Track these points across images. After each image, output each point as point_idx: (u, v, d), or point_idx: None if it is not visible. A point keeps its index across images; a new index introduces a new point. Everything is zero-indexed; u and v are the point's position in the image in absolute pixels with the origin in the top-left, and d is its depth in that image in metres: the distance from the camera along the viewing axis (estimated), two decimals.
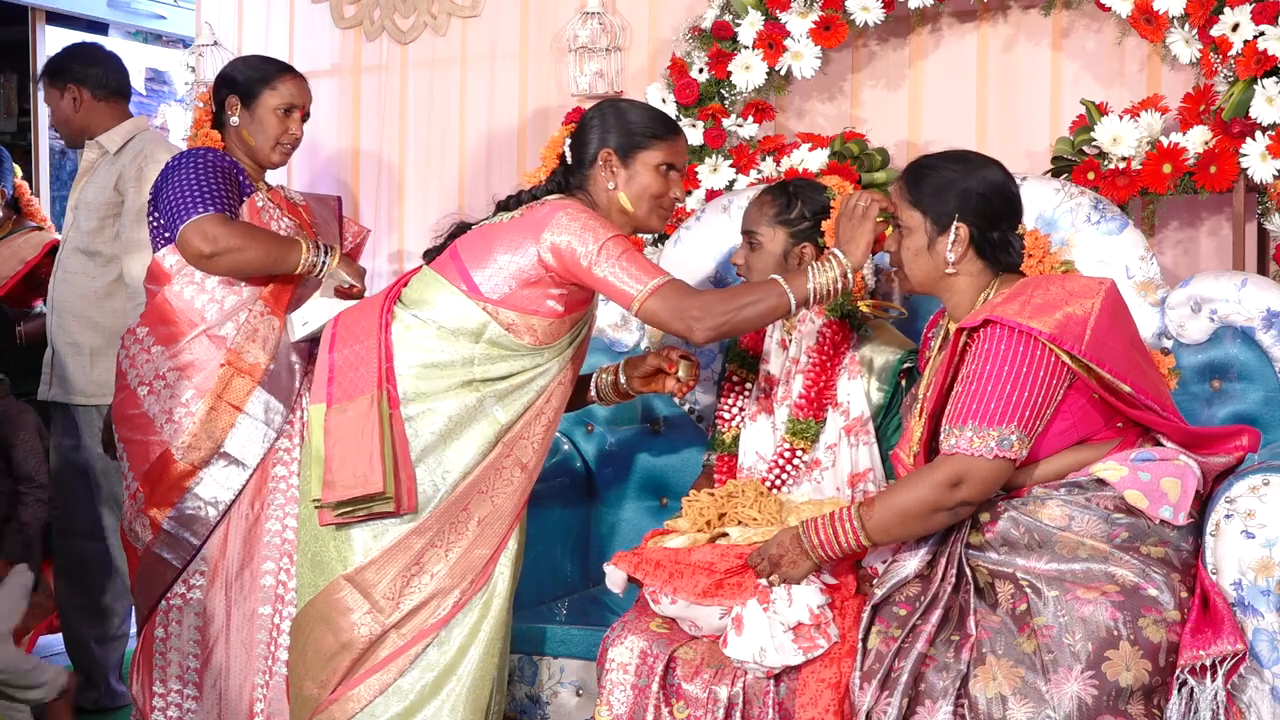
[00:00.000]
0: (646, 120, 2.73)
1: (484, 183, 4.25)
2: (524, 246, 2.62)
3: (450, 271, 2.69)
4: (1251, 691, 2.20)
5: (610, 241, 2.57)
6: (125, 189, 3.57)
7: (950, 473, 2.29)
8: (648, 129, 2.71)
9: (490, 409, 2.66)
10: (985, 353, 2.30)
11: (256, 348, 3.05)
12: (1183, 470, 2.31)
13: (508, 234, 2.65)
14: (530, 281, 2.63)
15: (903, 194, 2.47)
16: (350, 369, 2.65)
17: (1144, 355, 2.40)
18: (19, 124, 6.50)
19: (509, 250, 2.63)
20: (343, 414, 2.61)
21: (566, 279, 2.62)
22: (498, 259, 2.64)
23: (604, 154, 2.70)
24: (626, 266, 2.56)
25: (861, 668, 2.31)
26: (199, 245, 2.93)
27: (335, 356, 2.68)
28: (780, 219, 2.81)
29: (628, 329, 3.36)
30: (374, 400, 2.59)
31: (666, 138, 2.72)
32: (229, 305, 3.04)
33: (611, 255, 2.56)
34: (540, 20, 4.14)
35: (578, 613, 3.04)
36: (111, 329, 3.64)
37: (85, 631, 3.80)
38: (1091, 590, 2.23)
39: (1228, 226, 3.24)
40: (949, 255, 2.41)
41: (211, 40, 4.53)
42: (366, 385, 2.61)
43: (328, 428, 2.61)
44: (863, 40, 3.66)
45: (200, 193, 2.96)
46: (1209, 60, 3.07)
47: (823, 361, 2.75)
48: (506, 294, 2.64)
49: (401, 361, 2.65)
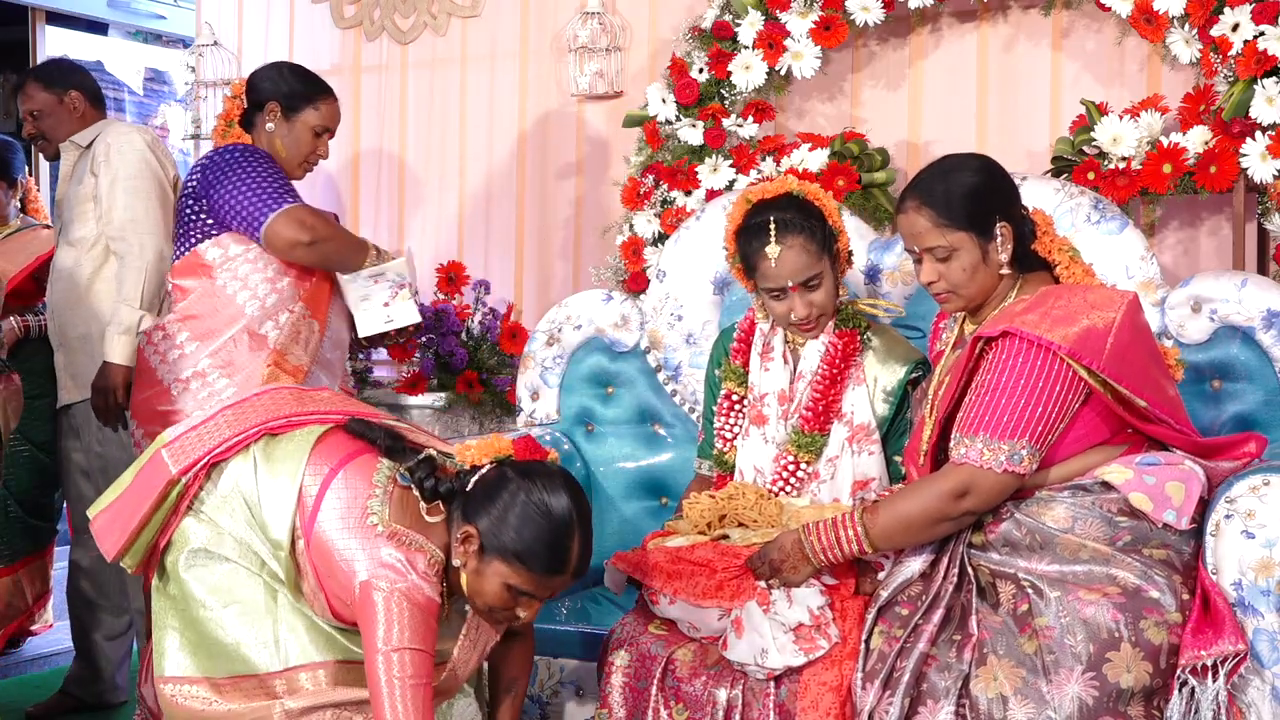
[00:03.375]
0: (533, 546, 2.24)
1: (484, 182, 4.26)
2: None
3: (320, 472, 2.37)
4: (1252, 691, 2.20)
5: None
6: (98, 169, 3.61)
7: (957, 483, 2.29)
8: (523, 551, 2.23)
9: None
10: (1002, 364, 2.29)
11: (299, 349, 3.12)
12: (1187, 475, 2.31)
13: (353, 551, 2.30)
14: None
15: (933, 221, 2.39)
16: (205, 434, 2.45)
17: (1162, 369, 2.38)
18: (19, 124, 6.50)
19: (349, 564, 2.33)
20: (158, 463, 2.42)
21: None
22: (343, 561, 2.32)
23: (465, 531, 2.27)
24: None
25: (864, 668, 2.31)
26: (296, 234, 3.01)
27: (219, 415, 2.48)
28: (823, 247, 2.67)
29: (627, 329, 3.36)
30: (172, 481, 2.36)
31: (539, 572, 2.24)
32: (270, 304, 3.10)
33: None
34: (540, 20, 4.14)
35: (578, 613, 3.03)
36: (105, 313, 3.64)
37: (94, 627, 3.81)
38: (1093, 592, 2.23)
39: (1228, 226, 3.24)
40: (1002, 257, 2.39)
41: (211, 40, 4.53)
42: (187, 457, 2.38)
43: (151, 460, 2.42)
44: (863, 40, 3.66)
45: (280, 186, 3.06)
46: (1209, 60, 3.07)
47: (832, 375, 2.70)
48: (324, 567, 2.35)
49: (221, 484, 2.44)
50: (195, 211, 3.17)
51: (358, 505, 2.26)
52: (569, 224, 4.13)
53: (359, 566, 2.21)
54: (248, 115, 3.31)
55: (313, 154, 3.29)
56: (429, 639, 2.19)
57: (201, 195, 3.16)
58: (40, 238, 4.27)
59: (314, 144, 3.28)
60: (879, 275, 3.14)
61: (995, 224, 2.38)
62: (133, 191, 3.52)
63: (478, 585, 2.26)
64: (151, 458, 2.41)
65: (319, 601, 2.30)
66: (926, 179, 2.44)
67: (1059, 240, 2.48)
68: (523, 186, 4.20)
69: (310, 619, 2.30)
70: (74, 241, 3.63)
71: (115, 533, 2.38)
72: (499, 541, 2.22)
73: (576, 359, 3.41)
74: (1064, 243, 2.48)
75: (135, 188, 3.53)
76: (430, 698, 2.17)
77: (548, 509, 2.23)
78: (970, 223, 2.38)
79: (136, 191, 3.53)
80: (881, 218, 3.43)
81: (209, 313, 3.10)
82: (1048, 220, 2.50)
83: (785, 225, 2.63)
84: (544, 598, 2.29)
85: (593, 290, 3.48)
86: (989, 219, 2.38)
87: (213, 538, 2.33)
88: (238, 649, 2.29)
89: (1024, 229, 2.43)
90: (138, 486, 2.40)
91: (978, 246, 2.39)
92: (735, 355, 2.85)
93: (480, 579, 2.25)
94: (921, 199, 2.41)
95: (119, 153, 3.55)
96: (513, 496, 2.24)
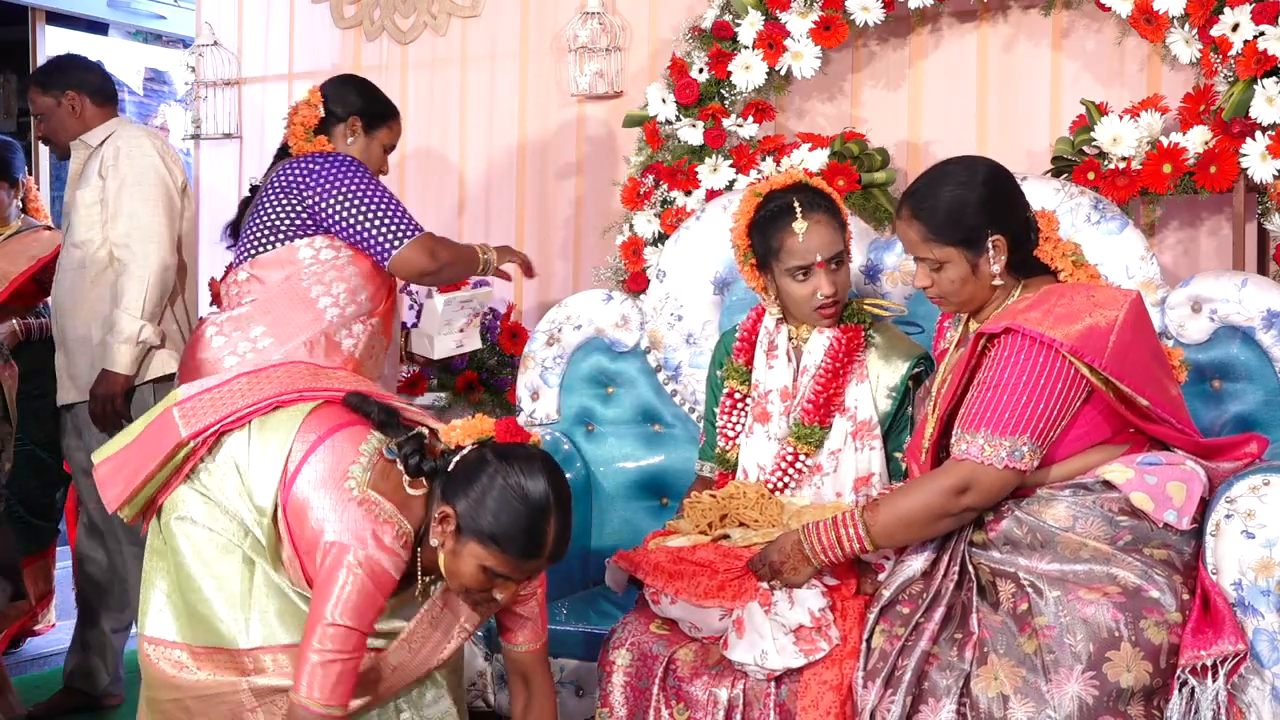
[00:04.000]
0: (509, 526, 2.23)
1: (484, 182, 4.26)
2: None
3: (305, 441, 2.39)
4: (1252, 691, 2.20)
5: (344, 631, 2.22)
6: (105, 172, 3.60)
7: (957, 479, 2.29)
8: (499, 533, 2.22)
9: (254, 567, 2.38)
10: (1004, 360, 2.29)
11: (372, 363, 3.17)
12: (1189, 475, 2.31)
13: (330, 514, 2.34)
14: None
15: (922, 235, 2.40)
16: (220, 400, 2.46)
17: (1164, 369, 2.38)
18: (19, 124, 6.51)
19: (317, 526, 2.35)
20: (167, 419, 2.43)
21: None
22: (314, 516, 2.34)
23: (443, 511, 2.26)
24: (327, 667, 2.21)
25: (865, 667, 2.31)
26: (426, 263, 3.09)
27: (234, 381, 2.50)
28: (843, 226, 2.73)
29: (627, 329, 3.36)
30: (181, 443, 2.38)
31: (514, 555, 2.24)
32: (349, 313, 3.13)
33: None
34: (540, 20, 4.14)
35: (578, 613, 3.03)
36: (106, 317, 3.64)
37: (104, 621, 3.81)
38: (1093, 591, 2.23)
39: (1228, 226, 3.24)
40: (993, 269, 2.39)
41: (211, 40, 4.54)
42: (199, 422, 2.40)
43: (159, 417, 2.43)
44: (863, 40, 3.66)
45: (405, 213, 3.13)
46: (1209, 60, 3.07)
47: (835, 368, 2.72)
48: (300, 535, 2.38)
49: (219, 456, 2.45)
50: (293, 209, 3.12)
51: (339, 469, 2.28)
52: (569, 224, 4.13)
53: (328, 527, 2.23)
54: (323, 125, 3.29)
55: (380, 169, 3.38)
56: (370, 617, 2.22)
57: (309, 197, 3.11)
58: (42, 239, 4.27)
59: (381, 160, 3.37)
60: (879, 275, 3.14)
61: (986, 238, 2.37)
62: (140, 199, 3.53)
63: (454, 566, 2.26)
64: (162, 414, 2.42)
65: (295, 569, 2.32)
66: (920, 189, 2.44)
67: (1063, 245, 2.46)
68: (523, 186, 4.20)
69: (284, 597, 2.32)
70: (79, 243, 3.63)
71: (119, 484, 2.40)
72: (475, 524, 2.23)
73: (576, 359, 3.41)
74: (1068, 247, 2.46)
75: (142, 195, 3.54)
76: (350, 673, 2.20)
77: (524, 493, 2.24)
78: (958, 238, 2.38)
79: (144, 199, 3.53)
80: (881, 218, 3.43)
81: (287, 309, 3.09)
82: (1053, 224, 2.48)
83: (810, 204, 2.69)
84: (520, 581, 2.29)
85: (593, 290, 3.48)
86: (978, 233, 2.37)
87: (202, 507, 2.36)
88: (213, 621, 2.32)
89: (1024, 235, 2.43)
90: (145, 441, 2.41)
91: (966, 261, 2.39)
92: (738, 354, 2.86)
93: (456, 560, 2.25)
94: (913, 211, 2.41)
95: (128, 158, 3.56)
96: (490, 479, 2.25)
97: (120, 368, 3.47)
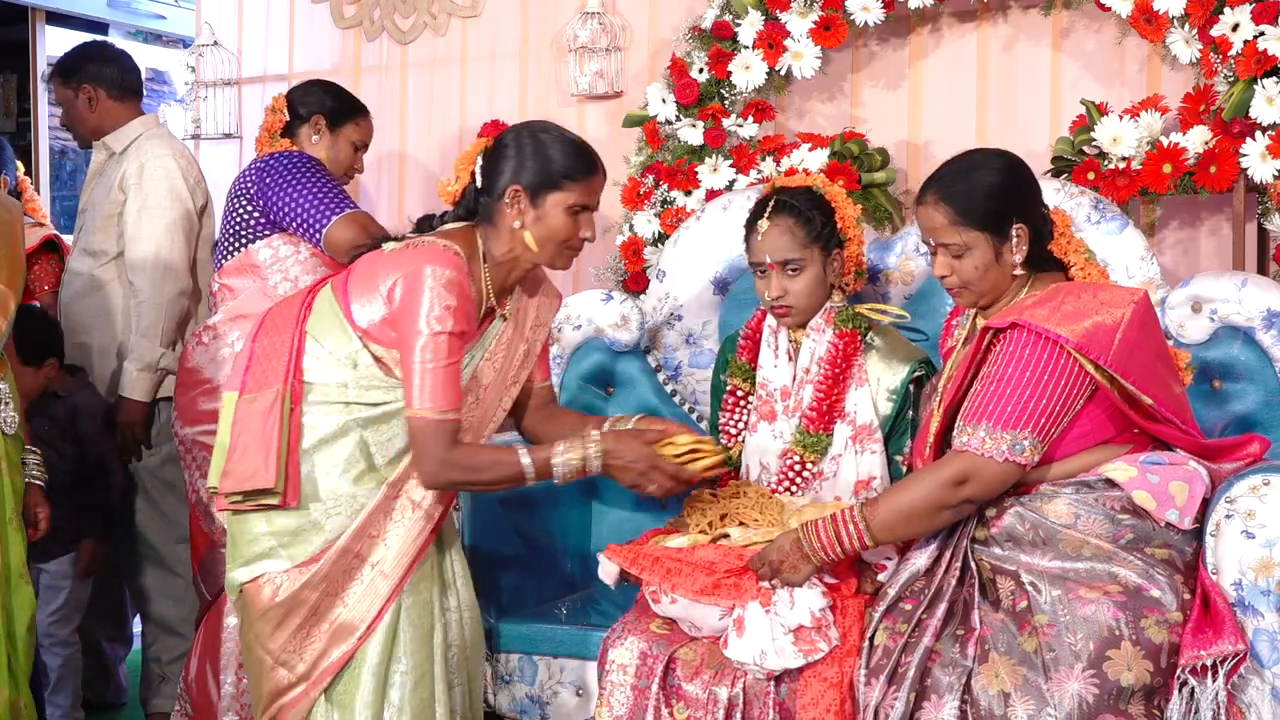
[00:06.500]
0: (563, 158, 2.51)
1: None
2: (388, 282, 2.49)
3: (339, 290, 2.56)
4: (1252, 691, 2.20)
5: (442, 339, 2.41)
6: (127, 187, 3.59)
7: (957, 470, 2.29)
8: (563, 169, 2.50)
9: (360, 433, 2.52)
10: (1009, 355, 2.29)
11: None
12: (1191, 475, 2.31)
13: (386, 266, 2.50)
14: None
15: (950, 218, 2.40)
16: (266, 359, 2.56)
17: (1169, 369, 2.39)
18: (19, 124, 6.50)
19: (382, 282, 2.49)
20: (251, 404, 2.53)
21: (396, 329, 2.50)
22: (372, 288, 2.51)
23: (513, 190, 2.51)
24: (433, 374, 2.41)
25: (868, 664, 2.31)
26: (356, 236, 3.07)
27: (256, 345, 2.59)
28: (814, 238, 2.71)
29: (627, 329, 3.36)
30: (279, 395, 2.50)
31: (581, 178, 2.52)
32: None
33: (429, 353, 2.41)
34: (540, 20, 4.14)
35: (578, 613, 3.03)
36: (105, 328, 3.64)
37: (98, 629, 3.81)
38: (1094, 590, 2.23)
39: (1228, 226, 3.24)
40: (1016, 258, 2.40)
41: (211, 40, 4.53)
42: (275, 378, 2.52)
43: (236, 416, 2.53)
44: (863, 40, 3.66)
45: (339, 192, 3.18)
46: (1209, 60, 3.07)
47: (834, 374, 2.72)
48: (374, 325, 2.49)
49: (305, 362, 2.55)
50: (249, 212, 3.22)
51: (372, 268, 2.51)
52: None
53: (397, 271, 2.43)
54: (289, 128, 3.38)
55: (350, 167, 3.44)
56: (458, 322, 2.42)
57: (257, 197, 3.21)
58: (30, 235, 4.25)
59: (352, 158, 3.44)
60: (879, 275, 3.14)
61: (1012, 225, 2.39)
62: (161, 227, 3.54)
63: (542, 230, 2.51)
64: (235, 407, 2.53)
65: (390, 355, 2.48)
66: (949, 174, 2.45)
67: (1075, 241, 2.49)
68: None
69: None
70: (93, 251, 3.63)
71: (255, 470, 2.47)
72: (545, 176, 2.49)
73: (576, 359, 3.41)
74: (1081, 244, 2.49)
75: (164, 223, 3.54)
76: (454, 378, 2.42)
77: (552, 131, 2.55)
78: (986, 223, 2.39)
79: (165, 228, 3.54)
80: (881, 218, 3.43)
81: (259, 312, 3.10)
82: (1066, 221, 2.51)
83: (783, 206, 2.73)
84: (595, 205, 2.56)
85: (593, 290, 3.48)
86: (1005, 220, 2.39)
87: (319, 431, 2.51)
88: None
89: (1042, 229, 2.44)
90: (245, 428, 2.51)
91: (991, 247, 2.39)
92: (742, 352, 2.88)
93: (543, 222, 2.51)
94: (941, 194, 2.41)
95: (152, 180, 3.55)
96: (522, 143, 2.52)
97: (139, 395, 3.52)
